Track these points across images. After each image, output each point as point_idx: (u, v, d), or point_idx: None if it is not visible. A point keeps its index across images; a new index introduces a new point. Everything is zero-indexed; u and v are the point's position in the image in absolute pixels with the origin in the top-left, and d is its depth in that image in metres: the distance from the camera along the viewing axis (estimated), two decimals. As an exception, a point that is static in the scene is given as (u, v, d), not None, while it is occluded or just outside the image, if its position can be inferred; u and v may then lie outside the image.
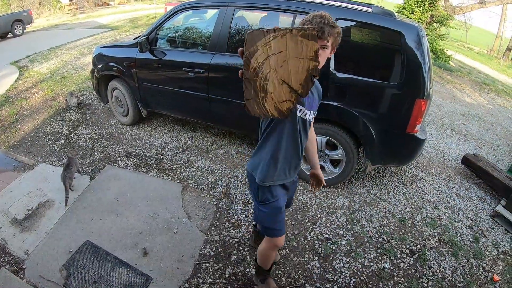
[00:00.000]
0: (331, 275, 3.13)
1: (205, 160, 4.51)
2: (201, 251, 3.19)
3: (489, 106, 9.88)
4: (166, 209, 3.64)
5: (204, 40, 4.48)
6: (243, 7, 4.17)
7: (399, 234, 3.74)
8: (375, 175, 4.68)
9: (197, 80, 4.27)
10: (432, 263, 3.50)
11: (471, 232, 4.05)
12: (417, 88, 3.49)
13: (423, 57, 3.45)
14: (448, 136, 6.64)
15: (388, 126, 3.74)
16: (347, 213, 3.88)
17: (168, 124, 5.34)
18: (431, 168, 5.17)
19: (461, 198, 4.60)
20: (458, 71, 13.38)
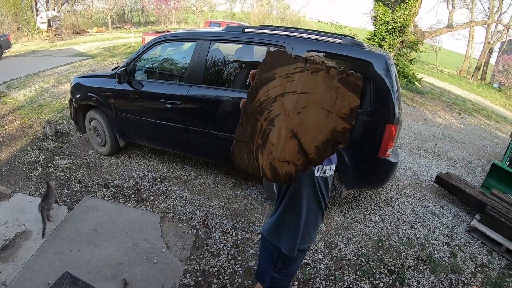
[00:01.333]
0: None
1: (183, 190, 4.51)
2: (182, 281, 3.16)
3: (460, 125, 10.22)
4: (145, 239, 3.60)
5: (181, 72, 4.56)
6: (219, 40, 4.28)
7: (377, 255, 3.80)
8: (351, 199, 4.75)
9: (174, 111, 4.31)
10: (412, 281, 3.56)
11: (448, 248, 4.15)
12: (387, 114, 3.64)
13: (391, 84, 3.61)
14: (421, 157, 6.82)
15: (361, 152, 3.85)
16: (325, 238, 3.92)
17: (146, 154, 5.34)
18: (405, 189, 5.29)
19: (436, 216, 4.71)
20: (429, 93, 13.83)
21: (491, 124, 11.79)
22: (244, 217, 4.10)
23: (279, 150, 1.05)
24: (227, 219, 4.02)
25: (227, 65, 4.34)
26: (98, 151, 5.26)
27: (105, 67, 6.21)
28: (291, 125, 1.01)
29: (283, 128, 1.02)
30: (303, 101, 0.99)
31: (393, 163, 3.90)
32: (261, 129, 1.04)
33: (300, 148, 1.04)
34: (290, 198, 1.83)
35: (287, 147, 1.04)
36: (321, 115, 0.99)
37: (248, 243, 3.69)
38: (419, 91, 13.66)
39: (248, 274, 3.28)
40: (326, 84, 0.97)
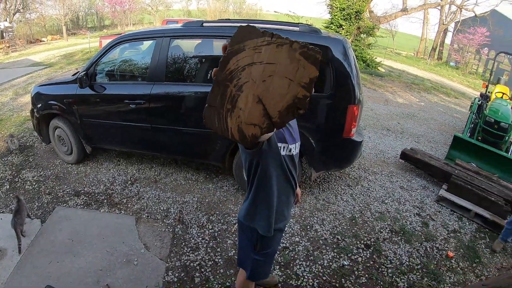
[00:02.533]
0: (294, 280, 3.23)
1: (155, 190, 4.50)
2: (164, 278, 3.17)
3: (421, 104, 10.61)
4: (123, 242, 3.58)
5: (142, 71, 4.53)
6: (178, 37, 4.28)
7: (352, 232, 3.94)
8: (321, 182, 4.88)
9: (138, 111, 4.29)
10: (388, 253, 3.73)
11: (420, 219, 4.36)
12: (348, 95, 3.78)
13: (350, 67, 3.75)
14: (385, 136, 7.06)
15: (326, 134, 3.99)
16: (300, 221, 4.02)
17: (114, 158, 5.27)
18: (373, 168, 5.49)
19: (405, 190, 4.92)
20: (388, 76, 14.25)
21: (450, 100, 12.30)
22: (218, 209, 4.14)
23: (246, 114, 1.13)
24: (202, 213, 4.05)
25: (188, 61, 4.35)
26: (65, 160, 5.15)
27: (63, 74, 6.05)
28: (257, 91, 1.10)
29: (250, 94, 1.11)
30: (269, 71, 1.08)
31: (357, 142, 4.06)
32: (231, 95, 1.12)
33: (265, 112, 1.12)
34: (260, 180, 1.87)
35: (253, 111, 1.12)
36: (284, 83, 1.09)
37: (225, 234, 3.74)
38: (379, 74, 14.04)
39: (229, 264, 3.33)
40: (289, 56, 1.08)
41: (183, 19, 17.59)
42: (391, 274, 3.50)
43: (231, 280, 3.13)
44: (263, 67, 1.09)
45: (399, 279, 3.48)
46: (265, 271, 2.27)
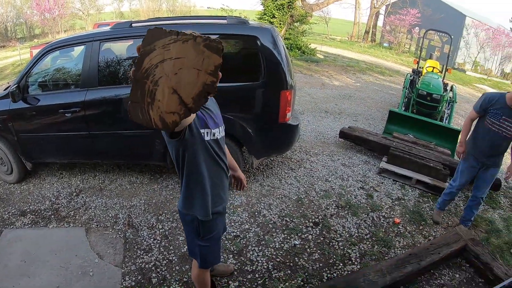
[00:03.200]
0: (249, 266, 3.44)
1: (101, 198, 4.53)
2: (122, 284, 3.24)
3: (357, 84, 11.33)
4: (76, 255, 3.60)
5: (75, 78, 4.52)
6: (108, 40, 4.33)
7: (300, 212, 4.24)
8: (264, 168, 5.16)
9: (75, 119, 4.29)
10: (337, 227, 4.07)
11: (364, 191, 4.77)
12: (280, 82, 4.10)
13: (280, 54, 4.07)
14: (323, 118, 7.51)
15: (262, 121, 4.28)
16: (247, 209, 4.25)
17: (56, 172, 5.21)
18: (314, 149, 5.86)
19: (347, 167, 5.34)
20: (324, 61, 14.99)
21: (385, 78, 13.22)
22: (166, 208, 4.26)
23: (165, 104, 1.34)
24: (151, 214, 4.16)
25: (121, 63, 4.42)
26: (6, 181, 5.00)
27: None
28: (171, 84, 1.32)
29: (165, 87, 1.32)
30: (178, 64, 1.30)
31: (294, 126, 4.40)
32: (149, 90, 1.33)
33: (181, 101, 1.34)
34: (189, 167, 2.04)
35: (170, 101, 1.34)
36: (193, 73, 1.31)
37: (176, 232, 3.87)
38: (314, 60, 14.74)
39: (183, 260, 3.46)
40: (194, 50, 1.29)
41: (116, 21, 17.31)
42: (342, 247, 3.83)
43: (187, 276, 3.27)
44: (173, 62, 1.30)
45: (351, 250, 3.82)
46: (214, 256, 2.44)
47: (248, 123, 4.22)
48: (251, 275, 3.35)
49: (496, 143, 3.89)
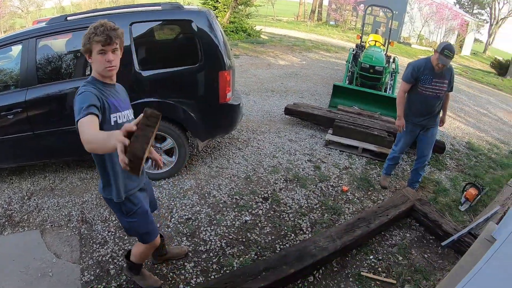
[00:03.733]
0: (203, 246, 3.57)
1: (53, 198, 4.48)
2: (82, 280, 3.28)
3: (303, 62, 11.59)
4: (33, 258, 3.58)
5: (15, 78, 4.41)
6: (44, 35, 4.25)
7: (249, 190, 4.41)
8: (212, 150, 5.29)
9: (18, 121, 4.20)
10: (286, 199, 4.28)
11: (311, 164, 5.01)
12: (217, 63, 4.22)
13: (217, 37, 4.19)
14: (270, 97, 7.71)
15: (203, 103, 4.39)
16: (197, 191, 4.36)
17: (5, 178, 5.07)
18: (261, 128, 6.05)
19: (294, 142, 5.56)
20: (270, 42, 15.16)
21: (331, 55, 13.59)
22: None
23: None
24: (103, 208, 4.18)
25: (60, 58, 4.37)
26: None
27: None
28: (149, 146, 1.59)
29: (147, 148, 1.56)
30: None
31: (235, 105, 4.56)
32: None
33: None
34: (98, 155, 2.21)
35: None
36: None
37: None
38: (260, 41, 14.89)
39: None
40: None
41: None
42: (293, 218, 4.03)
43: (145, 264, 3.31)
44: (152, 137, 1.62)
45: (301, 220, 4.02)
46: (148, 230, 2.62)
47: (190, 107, 4.31)
48: (206, 255, 3.49)
49: (430, 104, 4.19)
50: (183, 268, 3.32)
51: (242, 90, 7.76)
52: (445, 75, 4.10)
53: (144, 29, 4.19)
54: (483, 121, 9.55)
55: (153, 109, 1.73)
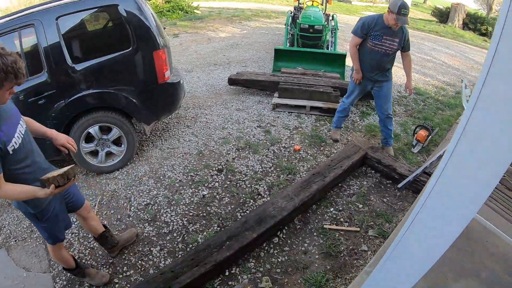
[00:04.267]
0: (165, 228, 3.56)
1: (11, 213, 4.29)
2: (55, 287, 3.24)
3: (243, 32, 11.49)
4: (4, 278, 3.47)
5: None
6: None
7: (203, 164, 4.40)
8: (161, 133, 5.22)
9: None
10: (241, 168, 4.31)
11: (261, 129, 5.04)
12: (151, 44, 4.13)
13: (147, 18, 4.08)
14: (213, 71, 7.62)
15: (143, 87, 4.30)
16: (152, 175, 4.31)
17: None
18: (207, 102, 6.00)
19: (241, 111, 5.56)
20: (208, 16, 14.86)
21: (272, 21, 13.52)
22: None
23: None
24: (64, 212, 4.10)
25: None
26: None
27: None
28: None
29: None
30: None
31: (175, 83, 4.51)
32: None
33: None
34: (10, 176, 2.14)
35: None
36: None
37: None
38: (199, 17, 14.60)
39: None
40: None
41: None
42: (249, 185, 4.07)
43: (113, 258, 3.32)
44: None
45: (258, 185, 4.07)
46: (60, 230, 2.66)
47: (130, 93, 4.23)
48: (170, 236, 3.49)
49: (380, 61, 4.24)
50: (150, 253, 3.32)
51: (184, 68, 7.63)
52: (397, 33, 4.08)
53: (72, 21, 4.02)
54: (428, 67, 9.85)
55: (62, 174, 2.13)
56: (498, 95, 1.25)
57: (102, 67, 4.06)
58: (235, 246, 3.11)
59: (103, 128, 4.26)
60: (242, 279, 3.07)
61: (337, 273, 3.19)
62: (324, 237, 3.54)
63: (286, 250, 3.38)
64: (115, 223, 3.70)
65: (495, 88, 1.24)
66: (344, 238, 3.57)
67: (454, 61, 10.67)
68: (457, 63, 10.51)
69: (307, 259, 3.30)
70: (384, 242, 3.57)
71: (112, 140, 4.35)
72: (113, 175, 4.36)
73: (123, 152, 4.41)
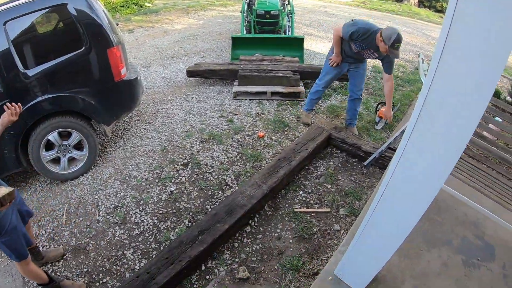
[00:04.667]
0: (137, 229, 3.48)
1: None
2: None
3: (200, 22, 11.33)
4: None
5: None
6: None
7: (168, 160, 4.31)
8: (123, 132, 5.08)
9: None
10: (206, 160, 4.27)
11: (224, 120, 5.00)
12: (104, 41, 3.98)
13: (98, 15, 3.92)
14: (171, 64, 7.48)
15: (100, 87, 4.16)
16: (117, 177, 4.18)
17: None
18: (167, 97, 5.89)
19: (202, 102, 5.49)
20: (163, 9, 14.55)
21: (228, 9, 13.40)
22: (42, 212, 3.96)
23: None
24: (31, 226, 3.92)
25: None
26: None
27: None
28: None
29: None
30: None
31: (132, 80, 4.37)
32: None
33: None
34: None
35: None
36: None
37: (60, 229, 3.66)
38: (153, 10, 14.29)
39: (76, 252, 3.36)
40: None
41: None
42: (216, 176, 4.03)
43: (86, 265, 3.22)
44: None
45: (225, 176, 4.04)
46: (22, 244, 2.58)
47: (87, 94, 4.08)
48: (142, 237, 3.42)
49: (359, 55, 4.27)
50: (124, 257, 3.24)
51: (141, 63, 7.45)
52: (381, 53, 4.03)
53: (20, 25, 3.81)
54: None
55: None
56: (454, 68, 1.30)
57: (55, 70, 3.88)
58: (208, 239, 3.08)
59: (63, 134, 4.10)
60: (219, 272, 3.05)
61: (312, 255, 3.22)
62: (296, 221, 3.55)
63: (260, 237, 3.38)
64: (85, 230, 3.57)
65: (450, 63, 1.28)
66: (316, 219, 3.59)
67: (412, 38, 10.89)
68: (414, 40, 10.72)
69: (282, 244, 3.31)
70: (355, 220, 3.62)
71: (73, 145, 4.19)
72: (78, 181, 4.20)
73: (85, 156, 4.26)
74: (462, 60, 1.29)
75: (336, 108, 5.65)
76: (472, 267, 2.68)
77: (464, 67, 1.30)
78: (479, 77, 1.29)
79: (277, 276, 3.02)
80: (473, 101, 1.34)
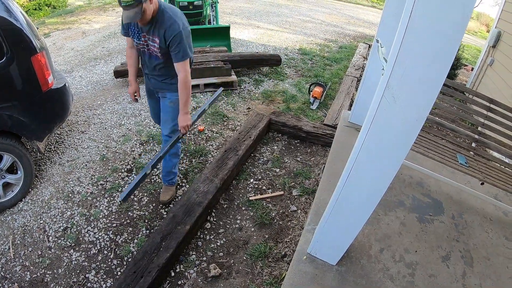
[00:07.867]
0: (93, 249, 3.21)
1: None
2: None
3: (119, 19, 10.71)
4: None
5: None
6: None
7: (110, 169, 4.02)
8: (56, 146, 4.60)
9: None
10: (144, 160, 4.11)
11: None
12: (26, 48, 3.49)
13: (17, 19, 3.41)
14: (95, 66, 7.03)
15: (27, 100, 3.65)
16: (60, 196, 3.80)
17: None
18: (96, 102, 5.51)
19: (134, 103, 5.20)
20: (79, 8, 13.68)
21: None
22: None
23: None
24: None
25: None
26: None
27: None
28: None
29: None
30: None
31: (61, 88, 3.92)
32: None
33: None
34: None
35: None
36: None
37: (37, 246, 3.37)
38: (68, 10, 13.40)
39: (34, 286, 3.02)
40: None
41: None
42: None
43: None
44: None
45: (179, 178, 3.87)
46: None
47: (13, 109, 3.57)
48: (101, 255, 3.17)
49: (152, 66, 3.14)
50: (87, 281, 2.97)
51: (63, 68, 6.86)
52: (154, 31, 2.85)
53: None
54: (309, 27, 10.16)
55: None
56: (415, 51, 1.39)
57: None
58: (172, 244, 2.95)
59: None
60: (189, 275, 2.95)
61: (276, 239, 3.23)
62: (253, 209, 3.54)
63: (222, 232, 3.33)
64: (38, 260, 3.19)
65: (411, 46, 1.38)
66: (272, 204, 3.60)
67: (332, 18, 11.16)
68: (334, 19, 11.00)
69: (244, 234, 3.29)
70: (309, 198, 3.71)
71: (6, 169, 3.72)
72: (17, 208, 3.72)
73: (21, 179, 3.78)
74: (421, 41, 1.37)
75: (270, 93, 5.63)
76: (427, 222, 2.93)
77: (423, 48, 1.38)
78: (436, 57, 1.39)
79: (248, 266, 3.00)
80: (431, 79, 1.46)
